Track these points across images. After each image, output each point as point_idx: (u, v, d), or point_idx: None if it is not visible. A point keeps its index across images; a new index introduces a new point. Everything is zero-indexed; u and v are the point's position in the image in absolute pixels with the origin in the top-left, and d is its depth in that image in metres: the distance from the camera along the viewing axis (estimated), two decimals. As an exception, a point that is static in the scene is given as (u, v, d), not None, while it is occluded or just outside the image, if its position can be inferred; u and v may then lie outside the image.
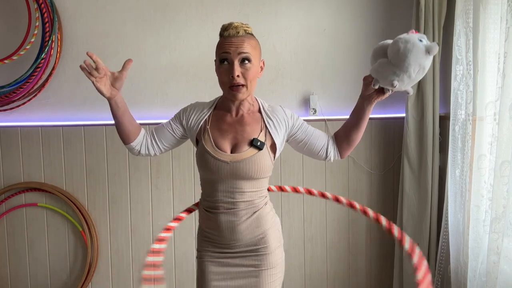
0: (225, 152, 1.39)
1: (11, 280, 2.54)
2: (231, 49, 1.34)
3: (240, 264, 1.45)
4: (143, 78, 2.46)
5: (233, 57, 1.34)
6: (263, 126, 1.44)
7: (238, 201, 1.40)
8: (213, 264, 1.46)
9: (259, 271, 1.44)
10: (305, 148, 1.51)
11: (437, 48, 1.17)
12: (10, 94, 2.33)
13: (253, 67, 1.37)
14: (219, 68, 1.38)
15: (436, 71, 2.25)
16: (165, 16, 2.44)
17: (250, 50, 1.36)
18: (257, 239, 1.44)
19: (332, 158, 1.52)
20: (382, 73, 1.24)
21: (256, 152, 1.39)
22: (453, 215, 2.13)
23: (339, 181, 2.52)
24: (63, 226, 2.51)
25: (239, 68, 1.35)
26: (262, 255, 1.44)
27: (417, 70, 1.20)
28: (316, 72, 2.49)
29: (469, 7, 1.98)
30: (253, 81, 1.39)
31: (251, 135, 1.41)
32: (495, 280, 1.77)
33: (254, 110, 1.47)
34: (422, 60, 1.18)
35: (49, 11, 2.29)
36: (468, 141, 2.01)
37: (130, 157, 2.46)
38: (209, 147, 1.41)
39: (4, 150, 2.47)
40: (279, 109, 1.49)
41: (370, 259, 2.58)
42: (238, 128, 1.43)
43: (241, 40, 1.36)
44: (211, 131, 1.43)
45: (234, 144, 1.41)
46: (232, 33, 1.36)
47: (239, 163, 1.37)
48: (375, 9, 2.47)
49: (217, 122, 1.45)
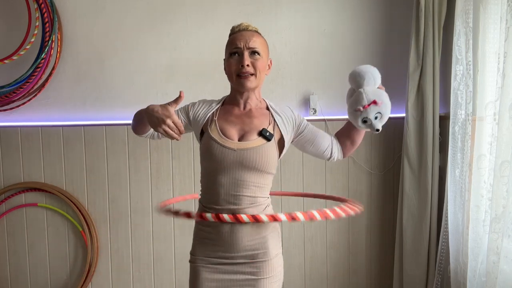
0: (232, 140, 1.39)
1: (11, 280, 2.54)
2: (242, 42, 1.39)
3: (237, 271, 1.39)
4: (143, 78, 2.46)
5: (243, 49, 1.38)
6: (271, 120, 1.45)
7: (242, 195, 1.36)
8: (207, 270, 1.40)
9: (257, 280, 1.38)
10: (311, 147, 1.51)
11: (374, 131, 1.41)
12: (10, 94, 2.34)
13: (262, 59, 1.41)
14: (228, 61, 1.41)
15: (436, 71, 2.25)
16: (165, 16, 2.44)
17: (259, 45, 1.41)
18: (256, 244, 1.39)
19: (336, 158, 1.54)
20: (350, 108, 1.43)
21: (264, 143, 1.39)
22: (453, 215, 2.13)
23: (339, 181, 2.52)
24: (63, 226, 2.51)
25: (248, 58, 1.38)
26: (261, 262, 1.39)
27: None
28: (316, 72, 2.49)
29: (469, 7, 1.98)
30: (262, 72, 1.42)
31: (260, 126, 1.41)
32: (495, 280, 1.77)
33: (262, 106, 1.49)
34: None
35: (49, 11, 2.29)
36: (467, 141, 2.01)
37: (130, 157, 2.46)
38: (215, 135, 1.39)
39: (4, 150, 2.47)
40: (287, 108, 1.51)
41: (370, 259, 2.58)
42: (246, 120, 1.43)
43: (251, 34, 1.41)
44: (219, 122, 1.43)
45: (242, 134, 1.41)
46: (242, 27, 1.43)
47: (246, 152, 1.36)
48: (375, 9, 2.48)
49: (225, 115, 1.45)
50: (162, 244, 2.51)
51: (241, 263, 1.39)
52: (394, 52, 2.48)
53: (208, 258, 1.41)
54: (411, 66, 2.28)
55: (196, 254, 1.43)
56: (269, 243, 1.41)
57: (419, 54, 2.26)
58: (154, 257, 2.52)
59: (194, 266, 1.43)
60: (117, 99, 2.46)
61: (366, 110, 1.34)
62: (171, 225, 2.50)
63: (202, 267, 1.41)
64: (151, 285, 2.53)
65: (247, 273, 1.39)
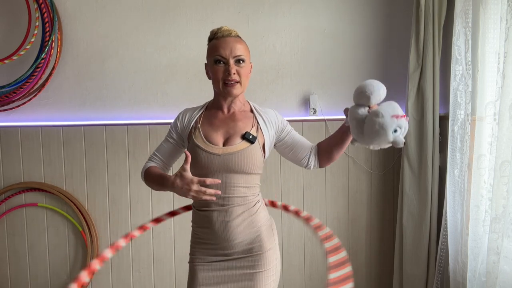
0: (217, 146, 1.41)
1: (11, 280, 2.54)
2: (227, 50, 1.39)
3: (234, 266, 1.42)
4: (143, 78, 2.46)
5: (228, 57, 1.39)
6: (254, 123, 1.47)
7: (231, 196, 1.39)
8: (204, 269, 1.44)
9: (254, 273, 1.42)
10: (290, 154, 1.54)
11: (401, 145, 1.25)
12: (10, 94, 2.33)
13: (246, 65, 1.43)
14: (213, 67, 1.42)
15: (436, 71, 2.25)
16: (165, 16, 2.44)
17: (243, 51, 1.42)
18: (251, 238, 1.42)
19: (312, 167, 1.56)
20: (352, 127, 1.33)
21: (248, 146, 1.41)
22: (452, 215, 2.14)
23: (339, 181, 2.52)
24: (63, 226, 2.51)
25: (234, 67, 1.40)
26: (256, 255, 1.42)
27: (376, 148, 1.31)
28: (316, 72, 2.49)
29: (468, 7, 1.98)
30: (246, 79, 1.44)
31: (243, 129, 1.43)
32: (495, 280, 1.77)
33: (245, 109, 1.50)
34: (384, 145, 1.27)
35: (49, 11, 2.29)
36: (467, 141, 2.01)
37: (130, 157, 2.46)
38: (200, 142, 1.42)
39: (4, 150, 2.47)
40: (271, 112, 1.53)
41: (370, 259, 2.58)
42: (230, 123, 1.45)
43: (235, 41, 1.42)
44: (202, 128, 1.45)
45: (226, 138, 1.43)
46: (225, 33, 1.43)
47: (231, 156, 1.38)
48: (375, 9, 2.48)
49: (209, 119, 1.48)
50: (162, 244, 2.51)
51: (237, 258, 1.43)
52: (394, 52, 2.49)
53: (205, 257, 1.44)
54: (411, 66, 2.28)
55: (194, 254, 1.47)
56: (263, 236, 1.44)
57: (419, 54, 2.26)
58: (154, 257, 2.52)
59: (192, 266, 1.47)
60: (117, 99, 2.46)
61: (402, 119, 1.25)
62: (171, 226, 2.50)
63: (199, 266, 1.44)
64: (151, 285, 2.53)
65: (243, 267, 1.42)
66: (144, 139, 2.45)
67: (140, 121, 2.46)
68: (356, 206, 2.53)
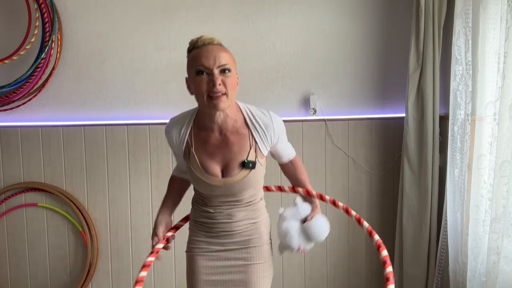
0: (216, 177, 1.35)
1: (11, 280, 2.54)
2: (210, 59, 1.24)
3: (231, 257, 1.43)
4: (143, 78, 2.46)
5: (212, 66, 1.24)
6: (252, 143, 1.35)
7: (234, 207, 1.42)
8: (203, 258, 1.44)
9: (250, 265, 1.43)
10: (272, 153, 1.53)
11: (286, 252, 1.53)
12: (10, 94, 2.33)
13: (232, 76, 1.28)
14: (195, 80, 1.28)
15: (436, 71, 2.25)
16: (165, 16, 2.44)
17: (229, 60, 1.27)
18: (250, 230, 1.43)
19: None
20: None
21: (249, 172, 1.35)
22: (452, 215, 2.14)
23: (339, 181, 2.52)
24: (63, 226, 2.51)
25: (219, 77, 1.25)
26: (253, 248, 1.43)
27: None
28: (316, 72, 2.49)
29: (468, 7, 1.98)
30: (233, 90, 1.28)
31: (240, 154, 1.34)
32: (495, 280, 1.77)
33: (238, 126, 1.36)
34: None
35: (49, 11, 2.29)
36: (467, 141, 2.01)
37: (130, 157, 2.46)
38: (198, 173, 1.35)
39: (4, 150, 2.47)
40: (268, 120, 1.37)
41: (370, 259, 2.58)
42: (225, 149, 1.35)
43: (218, 49, 1.27)
44: (198, 155, 1.35)
45: (224, 166, 1.35)
46: (206, 41, 1.29)
47: (233, 185, 1.36)
48: (375, 9, 2.47)
49: (202, 144, 1.36)
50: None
51: (234, 249, 1.43)
52: (394, 52, 2.48)
53: (204, 246, 1.45)
54: (411, 66, 2.28)
55: (193, 243, 1.48)
56: (262, 229, 1.46)
57: (419, 54, 2.26)
58: (154, 257, 2.52)
59: (190, 255, 1.48)
60: (117, 99, 2.46)
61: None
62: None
63: (199, 255, 1.45)
64: (151, 285, 2.53)
65: (239, 259, 1.43)
66: (144, 139, 2.45)
67: (140, 121, 2.46)
68: (356, 206, 2.53)
